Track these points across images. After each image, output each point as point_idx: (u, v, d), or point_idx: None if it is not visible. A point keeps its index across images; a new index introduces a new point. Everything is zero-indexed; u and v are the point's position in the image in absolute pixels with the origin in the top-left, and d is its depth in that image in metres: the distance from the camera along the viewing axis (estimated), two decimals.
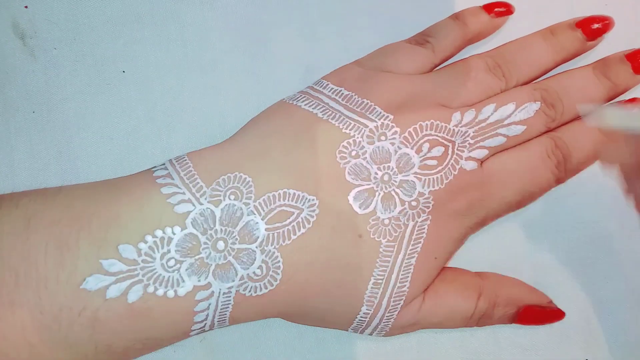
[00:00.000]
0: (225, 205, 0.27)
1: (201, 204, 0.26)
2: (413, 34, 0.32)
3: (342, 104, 0.29)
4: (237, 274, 0.26)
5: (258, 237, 0.27)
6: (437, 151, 0.28)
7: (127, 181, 0.28)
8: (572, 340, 0.32)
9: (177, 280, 0.26)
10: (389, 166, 0.28)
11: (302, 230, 0.27)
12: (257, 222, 0.27)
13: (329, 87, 0.30)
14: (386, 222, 0.28)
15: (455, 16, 0.32)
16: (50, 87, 0.32)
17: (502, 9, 0.32)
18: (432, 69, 0.31)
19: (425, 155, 0.28)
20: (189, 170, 0.27)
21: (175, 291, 0.26)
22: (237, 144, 0.28)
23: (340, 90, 0.29)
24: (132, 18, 0.33)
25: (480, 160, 0.29)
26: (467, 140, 0.29)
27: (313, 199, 0.27)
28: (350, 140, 0.28)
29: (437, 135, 0.28)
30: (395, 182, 0.28)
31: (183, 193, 0.26)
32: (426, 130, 0.28)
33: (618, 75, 0.31)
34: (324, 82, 0.30)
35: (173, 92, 0.32)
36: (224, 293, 0.26)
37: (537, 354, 0.32)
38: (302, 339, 0.31)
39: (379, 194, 0.28)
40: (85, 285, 0.25)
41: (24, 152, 0.31)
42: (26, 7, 0.32)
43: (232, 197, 0.27)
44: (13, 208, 0.26)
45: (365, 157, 0.28)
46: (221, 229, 0.26)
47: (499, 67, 0.31)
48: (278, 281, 0.27)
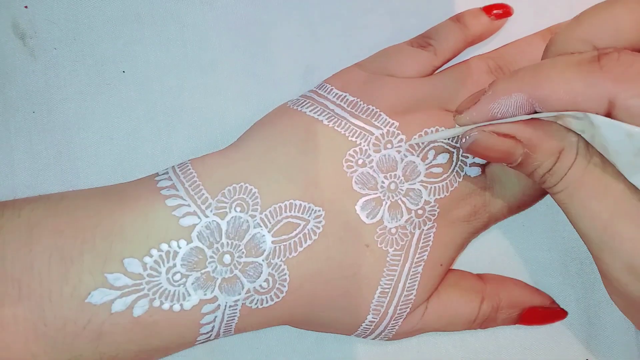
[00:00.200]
0: (232, 217, 0.26)
1: (207, 216, 0.26)
2: (413, 34, 0.32)
3: (347, 111, 0.28)
4: (243, 288, 0.26)
5: (265, 251, 0.26)
6: (442, 158, 0.28)
7: (131, 190, 0.27)
8: (572, 340, 0.32)
9: (183, 294, 0.26)
10: (395, 174, 0.28)
11: (309, 241, 0.27)
12: (264, 235, 0.26)
13: (333, 92, 0.29)
14: (393, 231, 0.28)
15: (456, 18, 0.32)
16: (50, 87, 0.32)
17: (500, 11, 0.32)
18: (433, 71, 0.31)
19: (431, 162, 0.28)
20: (193, 180, 0.27)
21: (181, 305, 0.26)
22: (242, 152, 0.28)
23: (345, 96, 0.29)
24: (132, 18, 0.33)
25: (483, 165, 0.29)
26: None
27: (319, 210, 0.27)
28: (357, 148, 0.28)
29: (442, 142, 0.28)
30: (402, 190, 0.28)
31: (188, 205, 0.26)
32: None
33: None
34: (327, 87, 0.30)
35: (173, 92, 0.32)
36: (230, 306, 0.26)
37: (537, 354, 0.32)
38: (302, 339, 0.31)
39: (386, 203, 0.28)
40: (90, 299, 0.25)
41: (24, 152, 0.31)
42: (26, 7, 0.32)
43: (238, 209, 0.26)
44: (15, 217, 0.26)
45: (372, 166, 0.28)
46: (227, 242, 0.26)
47: (500, 69, 0.31)
48: (284, 293, 0.27)
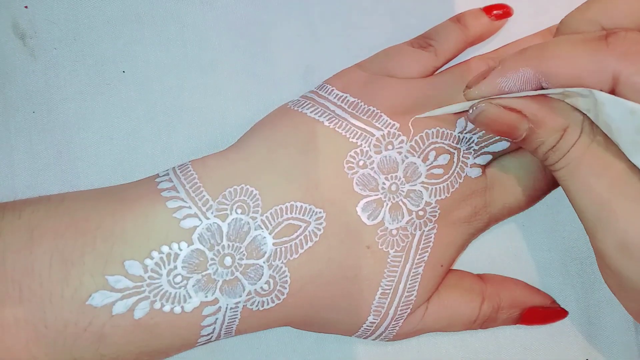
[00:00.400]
0: (232, 219, 0.26)
1: (208, 218, 0.26)
2: (413, 34, 0.32)
3: (348, 112, 0.28)
4: (244, 290, 0.26)
5: (265, 253, 0.26)
6: (443, 159, 0.28)
7: (132, 192, 0.27)
8: (572, 340, 0.32)
9: (184, 296, 0.26)
10: (396, 176, 0.28)
11: (310, 243, 0.27)
12: (265, 237, 0.26)
13: (334, 92, 0.29)
14: (394, 232, 0.28)
15: (457, 19, 0.32)
16: (50, 87, 0.32)
17: (500, 12, 0.32)
18: (434, 71, 0.31)
19: (432, 163, 0.28)
20: (194, 182, 0.27)
21: (182, 307, 0.26)
22: (243, 153, 0.28)
23: (346, 97, 0.29)
24: (132, 18, 0.33)
25: (484, 166, 0.29)
26: (472, 147, 0.29)
27: (320, 212, 0.27)
28: (358, 149, 0.28)
29: (442, 143, 0.28)
30: (403, 192, 0.28)
31: (189, 207, 0.26)
32: (432, 137, 0.28)
33: None
34: (328, 87, 0.30)
35: (173, 92, 0.32)
36: (231, 308, 0.26)
37: (537, 353, 0.32)
38: (302, 339, 0.31)
39: (387, 204, 0.28)
40: (91, 301, 0.25)
41: (24, 152, 0.31)
42: (26, 7, 0.32)
43: (239, 210, 0.26)
44: (16, 218, 0.25)
45: (373, 167, 0.28)
46: (228, 245, 0.26)
47: None
48: (285, 295, 0.27)
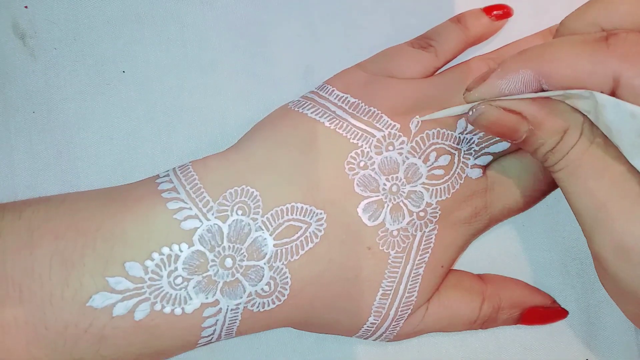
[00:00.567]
0: (233, 220, 0.26)
1: (208, 219, 0.26)
2: (413, 34, 0.32)
3: (349, 112, 0.28)
4: (245, 291, 0.26)
5: (266, 254, 0.26)
6: (444, 160, 0.28)
7: (132, 193, 0.27)
8: (572, 340, 0.32)
9: (185, 298, 0.26)
10: (397, 177, 0.28)
11: (310, 244, 0.27)
12: (265, 239, 0.26)
13: (335, 93, 0.29)
14: (395, 233, 0.28)
15: (457, 19, 0.32)
16: (50, 87, 0.32)
17: (501, 12, 0.32)
18: (434, 72, 0.31)
19: (432, 164, 0.28)
20: (194, 183, 0.27)
21: (183, 309, 0.25)
22: (243, 154, 0.28)
23: (347, 98, 0.29)
24: (132, 18, 0.33)
25: (484, 166, 0.29)
26: (473, 147, 0.29)
27: (321, 213, 0.27)
28: (359, 150, 0.28)
29: (443, 144, 0.28)
30: (404, 193, 0.28)
31: (189, 208, 0.26)
32: (433, 138, 0.28)
33: None
34: (329, 88, 0.30)
35: (173, 92, 0.32)
36: (231, 309, 0.26)
37: (537, 353, 0.32)
38: (302, 339, 0.31)
39: (388, 205, 0.28)
40: (92, 302, 0.25)
41: (24, 152, 0.31)
42: (26, 7, 0.32)
43: (239, 212, 0.26)
44: (16, 219, 0.25)
45: (374, 168, 0.28)
46: (229, 246, 0.26)
47: None
48: (286, 296, 0.27)
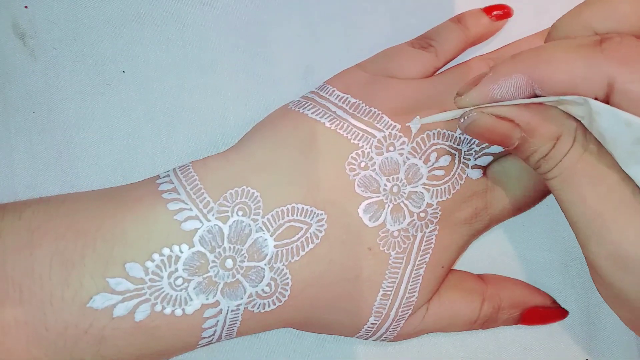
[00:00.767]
0: (234, 221, 0.26)
1: (209, 220, 0.26)
2: (414, 34, 0.32)
3: (349, 113, 0.28)
4: (245, 292, 0.26)
5: (267, 255, 0.26)
6: (445, 160, 0.28)
7: (132, 193, 0.27)
8: (572, 340, 0.32)
9: (185, 299, 0.25)
10: (397, 177, 0.28)
11: (311, 245, 0.27)
12: (266, 239, 0.26)
13: (335, 93, 0.29)
14: (395, 234, 0.28)
15: (457, 19, 0.32)
16: (50, 87, 0.32)
17: (501, 12, 0.32)
18: (435, 72, 0.31)
19: (433, 165, 0.28)
20: (195, 184, 0.27)
21: (183, 310, 0.25)
22: (243, 154, 0.28)
23: (347, 98, 0.29)
24: (132, 18, 0.33)
25: (485, 167, 0.29)
26: (473, 148, 0.28)
27: (322, 214, 0.27)
28: (359, 151, 0.28)
29: (444, 144, 0.28)
30: (404, 193, 0.28)
31: (190, 209, 0.26)
32: (433, 139, 0.28)
33: None
34: (329, 88, 0.30)
35: (173, 92, 0.32)
36: (232, 310, 0.26)
37: (537, 354, 0.32)
38: (302, 339, 0.31)
39: (389, 206, 0.27)
40: (92, 303, 0.25)
41: (24, 152, 0.31)
42: (26, 7, 0.32)
43: (240, 212, 0.26)
44: (16, 220, 0.25)
45: (375, 169, 0.27)
46: (229, 247, 0.26)
47: None
48: (286, 297, 0.27)
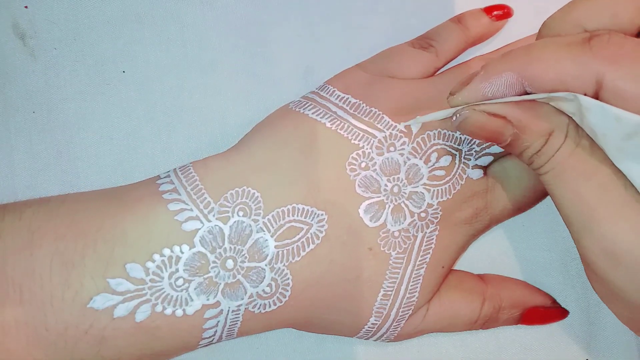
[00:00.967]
0: (234, 222, 0.26)
1: (209, 221, 0.26)
2: (414, 34, 0.32)
3: (350, 113, 0.28)
4: (246, 292, 0.26)
5: (267, 255, 0.26)
6: (445, 160, 0.28)
7: (133, 194, 0.27)
8: (572, 340, 0.32)
9: (186, 299, 0.25)
10: (398, 177, 0.28)
11: (312, 245, 0.27)
12: (267, 240, 0.26)
13: (336, 93, 0.29)
14: (396, 234, 0.28)
15: (457, 19, 0.32)
16: (50, 87, 0.32)
17: (501, 12, 0.32)
18: (435, 72, 0.31)
19: (434, 165, 0.28)
20: (195, 184, 0.27)
21: (184, 310, 0.25)
22: (244, 155, 0.28)
23: (347, 98, 0.29)
24: (132, 18, 0.33)
25: (485, 167, 0.29)
26: (474, 148, 0.28)
27: (322, 214, 0.27)
28: (360, 151, 0.28)
29: (444, 144, 0.28)
30: (405, 193, 0.28)
31: (190, 210, 0.26)
32: (434, 139, 0.28)
33: None
34: (329, 88, 0.30)
35: (173, 92, 0.32)
36: (232, 311, 0.26)
37: (537, 353, 0.32)
38: (302, 339, 0.31)
39: (389, 206, 0.27)
40: (93, 304, 0.25)
41: (24, 152, 0.31)
42: (26, 7, 0.32)
43: (240, 213, 0.26)
44: (17, 220, 0.25)
45: (375, 169, 0.27)
46: (230, 247, 0.26)
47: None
48: (287, 298, 0.27)
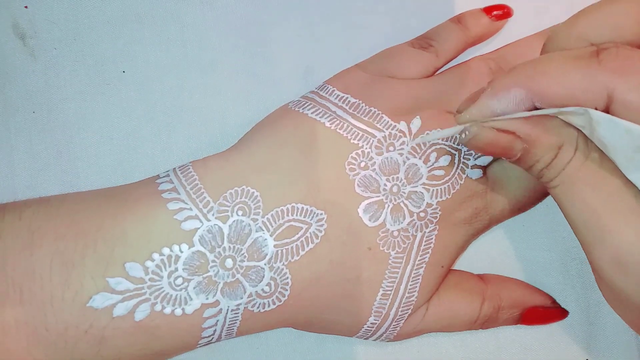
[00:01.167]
0: (234, 221, 0.26)
1: (208, 220, 0.26)
2: (413, 34, 0.32)
3: (349, 113, 0.28)
4: (245, 292, 0.26)
5: (267, 254, 0.26)
6: (444, 160, 0.28)
7: (132, 193, 0.27)
8: (572, 340, 0.32)
9: (185, 298, 0.25)
10: (397, 177, 0.28)
11: (311, 245, 0.27)
12: (266, 239, 0.26)
13: (335, 93, 0.29)
14: (395, 234, 0.28)
15: (457, 19, 0.32)
16: (50, 87, 0.32)
17: (500, 12, 0.32)
18: (435, 72, 0.31)
19: (433, 165, 0.28)
20: (195, 183, 0.27)
21: (183, 309, 0.25)
22: (243, 154, 0.28)
23: (347, 98, 0.29)
24: (132, 18, 0.33)
25: (485, 167, 0.29)
26: None
27: (321, 214, 0.27)
28: (359, 151, 0.28)
29: (444, 144, 0.28)
30: (404, 193, 0.28)
31: (190, 209, 0.26)
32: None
33: None
34: (329, 88, 0.30)
35: (173, 92, 0.32)
36: (231, 310, 0.26)
37: (537, 353, 0.32)
38: (302, 339, 0.31)
39: (388, 205, 0.27)
40: (92, 303, 0.25)
41: (24, 152, 0.31)
42: (26, 7, 0.32)
43: (240, 212, 0.26)
44: (16, 220, 0.25)
45: (374, 169, 0.28)
46: (229, 247, 0.26)
47: (501, 70, 0.31)
48: (286, 297, 0.27)
